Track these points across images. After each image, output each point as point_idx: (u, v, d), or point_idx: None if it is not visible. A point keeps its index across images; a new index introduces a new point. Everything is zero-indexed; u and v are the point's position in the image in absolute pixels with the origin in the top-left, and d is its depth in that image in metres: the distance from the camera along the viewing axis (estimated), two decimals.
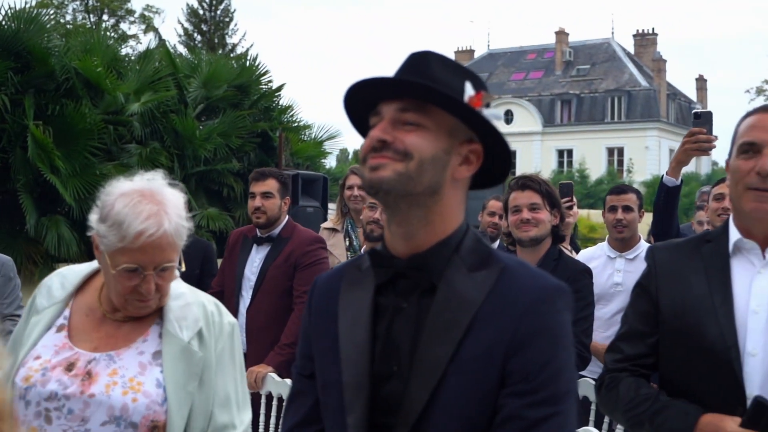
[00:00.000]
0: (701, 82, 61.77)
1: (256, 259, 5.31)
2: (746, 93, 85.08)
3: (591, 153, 52.53)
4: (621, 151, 54.45)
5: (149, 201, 2.29)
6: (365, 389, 1.76)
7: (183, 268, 5.76)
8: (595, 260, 5.32)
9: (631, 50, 59.74)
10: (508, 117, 57.18)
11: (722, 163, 2.81)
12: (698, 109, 4.14)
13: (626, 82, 55.68)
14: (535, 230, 4.21)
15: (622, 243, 5.32)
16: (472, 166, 1.83)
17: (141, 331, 2.44)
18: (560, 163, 55.29)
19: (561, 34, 59.42)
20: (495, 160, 1.86)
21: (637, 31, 60.52)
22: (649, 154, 53.62)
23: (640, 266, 3.07)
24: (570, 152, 55.35)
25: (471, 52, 64.81)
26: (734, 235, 2.53)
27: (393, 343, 1.77)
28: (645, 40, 59.56)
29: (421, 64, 1.80)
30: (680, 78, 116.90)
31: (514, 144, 54.84)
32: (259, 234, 5.34)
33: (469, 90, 1.80)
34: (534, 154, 56.25)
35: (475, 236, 1.84)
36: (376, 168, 1.75)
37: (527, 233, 4.21)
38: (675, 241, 2.72)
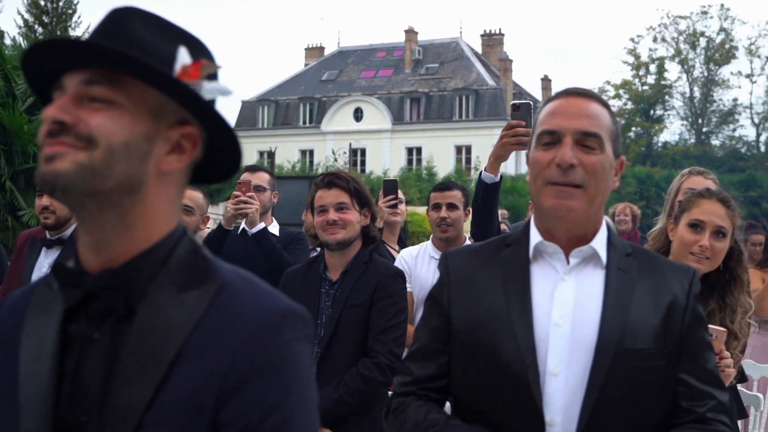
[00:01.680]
0: (546, 82, 63.21)
1: (44, 263, 4.76)
2: None
3: (440, 151, 53.02)
4: (469, 149, 55.09)
5: None
6: None
7: None
8: (417, 260, 5.03)
9: (479, 50, 60.62)
10: (358, 115, 57.16)
11: None
12: (517, 100, 3.87)
13: (474, 81, 56.40)
14: (342, 232, 3.86)
15: (447, 242, 5.04)
16: (185, 155, 1.42)
17: None
18: (409, 161, 55.54)
19: (410, 33, 59.72)
20: (223, 148, 1.47)
21: (485, 31, 61.43)
22: None
23: None
24: (419, 150, 55.68)
25: (321, 49, 64.51)
26: (535, 237, 2.23)
27: (82, 385, 1.35)
28: (492, 40, 60.49)
29: (120, 23, 1.39)
30: (526, 78, 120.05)
31: (363, 142, 55.00)
32: (48, 236, 4.80)
33: (183, 57, 1.40)
34: (383, 151, 56.33)
35: (191, 246, 1.43)
36: (51, 158, 1.33)
37: (334, 236, 3.86)
38: (471, 246, 2.42)
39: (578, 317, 2.13)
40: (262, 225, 5.15)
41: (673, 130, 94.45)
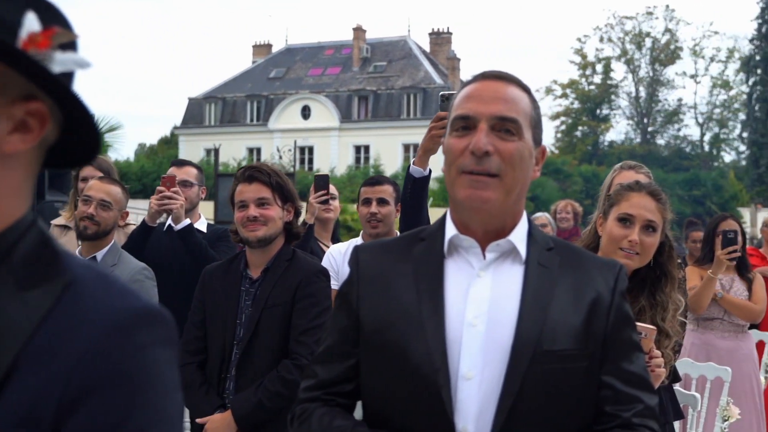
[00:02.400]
0: None
1: None
2: (536, 92, 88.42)
3: (387, 149, 52.95)
4: (417, 147, 54.68)
5: None
6: None
7: None
8: (346, 256, 4.86)
9: (427, 48, 60.66)
10: (306, 112, 56.86)
11: None
12: (446, 91, 3.72)
13: (422, 80, 56.38)
14: (263, 229, 3.68)
15: (377, 238, 4.88)
16: (31, 134, 1.22)
17: None
18: (357, 159, 55.41)
19: (358, 31, 59.54)
20: (80, 128, 1.29)
21: (433, 29, 61.52)
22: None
23: None
24: (367, 148, 55.58)
25: (269, 46, 64.05)
26: (450, 230, 2.07)
27: None
28: (440, 38, 60.61)
29: None
30: None
31: (311, 139, 54.78)
32: None
33: (31, 24, 1.21)
34: (331, 149, 56.13)
35: (40, 238, 1.23)
36: None
37: (254, 233, 3.68)
38: (384, 240, 2.25)
39: (494, 317, 1.97)
40: (187, 221, 4.97)
41: (619, 130, 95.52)
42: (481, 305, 1.98)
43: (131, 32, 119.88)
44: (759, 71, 55.90)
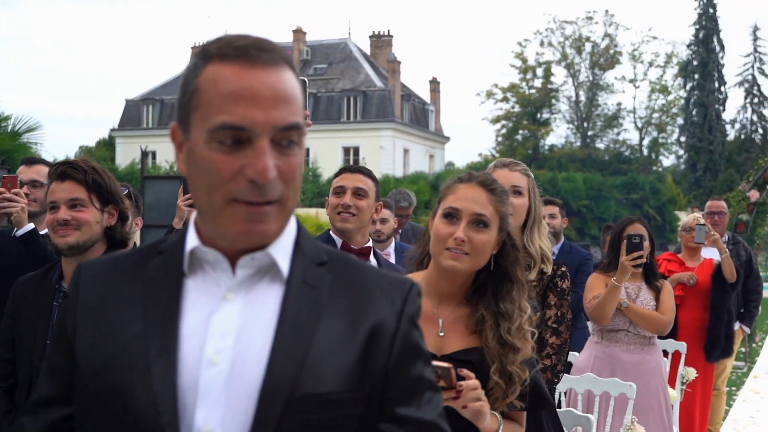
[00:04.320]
0: (435, 84, 63.25)
1: None
2: (477, 96, 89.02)
3: (327, 152, 52.43)
4: (357, 150, 54.75)
5: None
6: None
7: None
8: None
9: (368, 51, 60.31)
10: None
11: (459, 163, 2.57)
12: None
13: (362, 83, 56.06)
14: (75, 235, 3.18)
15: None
16: None
17: None
18: None
19: (299, 33, 59.00)
20: None
21: (374, 32, 61.19)
22: (384, 153, 54.16)
23: None
24: (307, 151, 54.75)
25: None
26: (192, 241, 1.60)
27: None
28: (381, 41, 60.31)
29: None
30: (414, 80, 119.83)
31: None
32: None
33: None
34: None
35: None
36: None
37: (65, 239, 3.18)
38: (117, 254, 1.74)
39: (241, 352, 1.51)
40: (30, 226, 4.43)
41: (559, 134, 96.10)
42: (226, 337, 1.51)
43: (67, 32, 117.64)
44: (696, 76, 56.63)
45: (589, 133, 64.94)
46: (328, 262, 1.62)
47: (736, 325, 8.26)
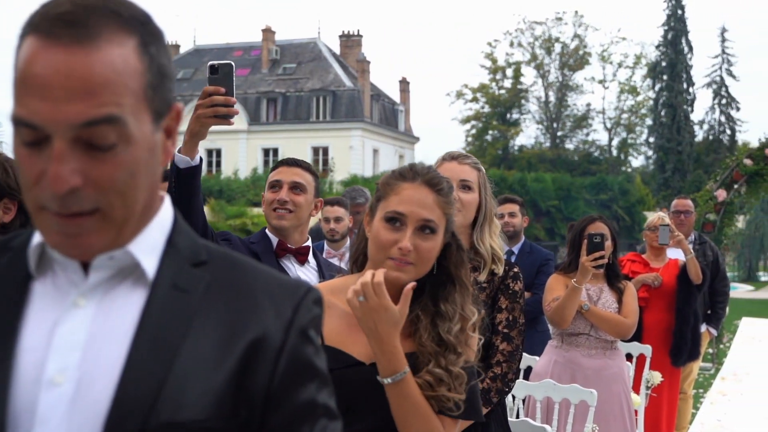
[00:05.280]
0: (404, 84, 63.12)
1: None
2: (447, 96, 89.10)
3: (296, 152, 52.06)
4: (326, 150, 54.55)
5: None
6: None
7: None
8: None
9: (337, 51, 60.09)
10: None
11: (429, 163, 2.79)
12: (214, 61, 2.99)
13: (331, 82, 55.84)
14: None
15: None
16: None
17: None
18: (266, 162, 54.46)
19: (268, 32, 58.70)
20: None
21: (343, 32, 60.98)
22: (353, 153, 53.99)
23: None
24: (276, 151, 54.73)
25: (177, 47, 62.56)
26: (38, 237, 1.32)
27: None
28: (350, 41, 60.10)
29: None
30: (384, 80, 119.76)
31: (218, 142, 53.75)
32: None
33: None
34: (239, 152, 55.15)
35: None
36: None
37: None
38: None
39: (88, 370, 1.23)
40: None
41: (528, 134, 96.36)
42: (72, 353, 1.24)
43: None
44: (665, 77, 56.84)
45: (559, 133, 64.98)
46: (209, 261, 1.34)
47: (703, 327, 8.04)
